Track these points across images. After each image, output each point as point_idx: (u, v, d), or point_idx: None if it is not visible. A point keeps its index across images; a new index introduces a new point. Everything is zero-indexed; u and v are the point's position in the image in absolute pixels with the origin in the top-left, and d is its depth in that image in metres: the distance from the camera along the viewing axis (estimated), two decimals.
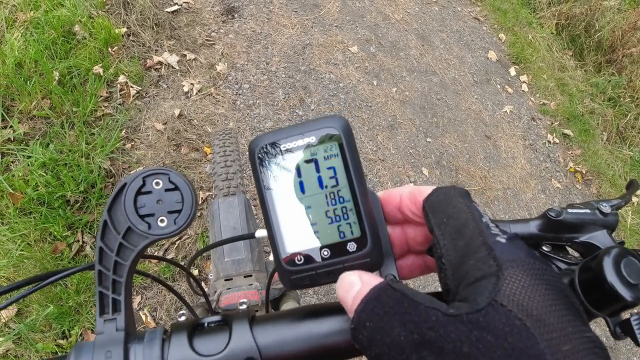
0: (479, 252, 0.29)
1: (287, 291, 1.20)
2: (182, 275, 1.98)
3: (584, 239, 0.42)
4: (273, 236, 0.37)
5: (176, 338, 0.36)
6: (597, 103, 4.15)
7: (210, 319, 0.38)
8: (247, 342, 0.36)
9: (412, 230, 0.39)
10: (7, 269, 1.79)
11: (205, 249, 0.63)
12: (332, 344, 0.36)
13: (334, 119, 0.37)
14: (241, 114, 2.65)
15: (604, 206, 0.43)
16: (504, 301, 0.25)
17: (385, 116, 3.07)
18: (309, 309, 0.39)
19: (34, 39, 2.40)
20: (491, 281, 0.27)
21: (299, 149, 0.37)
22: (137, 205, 0.38)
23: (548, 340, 0.23)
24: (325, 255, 0.37)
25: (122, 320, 0.36)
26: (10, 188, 1.94)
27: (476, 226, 0.31)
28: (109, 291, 0.37)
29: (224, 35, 2.99)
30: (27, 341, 1.67)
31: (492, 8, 4.46)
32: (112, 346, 0.35)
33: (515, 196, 3.15)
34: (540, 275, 0.27)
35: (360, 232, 0.36)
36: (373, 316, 0.29)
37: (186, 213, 0.38)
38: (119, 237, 0.38)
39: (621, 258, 0.31)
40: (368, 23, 3.59)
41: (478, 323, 0.25)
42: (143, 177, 0.38)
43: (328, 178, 0.37)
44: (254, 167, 0.37)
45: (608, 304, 0.31)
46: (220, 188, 1.23)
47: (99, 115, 2.33)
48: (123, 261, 0.38)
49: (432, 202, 0.34)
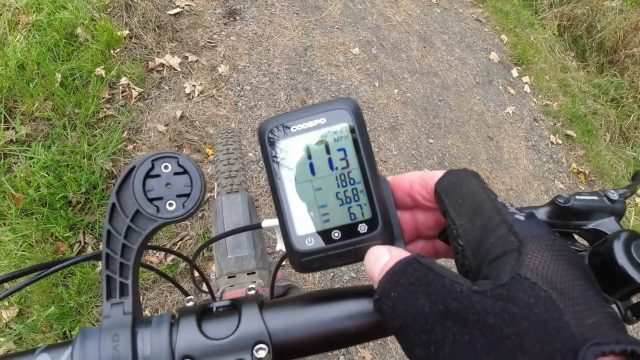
0: (498, 229, 0.29)
1: (290, 289, 1.19)
2: (183, 275, 1.97)
3: (592, 226, 0.42)
4: (283, 218, 0.37)
5: (185, 322, 0.35)
6: (600, 104, 4.15)
7: (219, 303, 0.38)
8: (257, 325, 0.35)
9: (422, 215, 0.39)
10: (8, 270, 1.78)
11: (210, 241, 0.62)
12: (342, 328, 0.36)
13: (344, 101, 0.37)
14: (243, 115, 2.64)
15: (612, 193, 0.43)
16: (527, 274, 0.25)
17: (387, 117, 3.07)
18: (319, 294, 0.38)
19: (37, 41, 2.40)
20: (513, 256, 0.26)
21: (309, 130, 0.37)
22: (145, 189, 0.38)
23: (573, 313, 0.23)
24: (336, 236, 0.36)
25: (130, 304, 0.36)
26: (12, 189, 1.93)
27: (493, 205, 0.30)
28: (116, 275, 0.37)
29: (225, 37, 3.00)
30: (28, 342, 1.66)
31: (494, 9, 4.47)
32: (119, 329, 0.34)
33: (519, 197, 3.13)
34: (561, 251, 0.27)
35: (371, 214, 0.36)
36: (398, 287, 0.29)
37: (195, 197, 0.38)
38: (127, 220, 0.37)
39: (631, 241, 0.31)
40: (369, 25, 3.60)
41: (502, 296, 0.25)
42: (152, 161, 0.38)
43: (338, 160, 0.36)
44: (264, 149, 0.37)
45: (619, 287, 0.31)
46: (224, 186, 1.22)
47: (101, 117, 2.33)
48: (131, 244, 0.37)
49: (445, 184, 0.34)
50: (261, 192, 2.35)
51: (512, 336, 0.23)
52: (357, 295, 0.37)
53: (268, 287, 1.04)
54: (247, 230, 0.60)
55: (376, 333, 0.37)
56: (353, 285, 0.39)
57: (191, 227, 2.11)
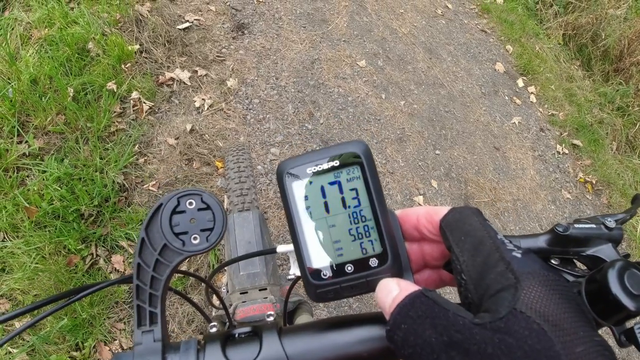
0: (497, 266, 0.31)
1: (300, 304, 1.21)
2: (194, 289, 1.99)
3: (590, 253, 0.44)
4: (301, 253, 0.40)
5: (210, 348, 0.38)
6: (606, 113, 4.15)
7: (240, 330, 0.41)
8: (277, 351, 0.38)
9: (429, 247, 0.42)
10: (22, 282, 1.81)
11: (227, 263, 0.65)
12: (355, 353, 0.39)
13: (355, 143, 0.40)
14: (251, 128, 2.68)
15: (609, 221, 0.45)
16: (522, 309, 0.28)
17: (394, 129, 3.09)
18: (334, 320, 0.41)
19: (49, 56, 2.45)
20: (510, 292, 0.29)
21: (324, 172, 0.40)
22: (172, 224, 0.40)
23: (563, 343, 0.26)
24: (349, 270, 0.39)
25: (159, 332, 0.38)
26: (26, 202, 1.97)
27: (492, 243, 0.33)
28: (146, 304, 0.39)
29: (234, 51, 3.04)
30: (41, 353, 1.69)
31: (499, 20, 4.49)
32: (150, 356, 0.37)
33: (525, 207, 3.14)
34: (554, 285, 0.30)
35: (381, 249, 0.39)
36: (407, 319, 0.32)
37: (217, 231, 0.41)
38: (155, 254, 0.40)
39: (624, 270, 0.33)
40: (375, 37, 3.63)
41: (500, 328, 0.27)
42: (177, 198, 0.41)
43: (351, 199, 0.39)
44: (282, 188, 0.40)
45: (613, 313, 0.33)
46: (235, 204, 1.25)
47: (113, 131, 2.37)
48: (159, 276, 0.40)
49: (448, 221, 0.37)
50: (270, 205, 2.37)
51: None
52: (368, 322, 0.40)
53: (279, 303, 1.06)
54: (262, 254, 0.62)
55: (387, 358, 0.40)
56: (363, 313, 0.42)
57: None
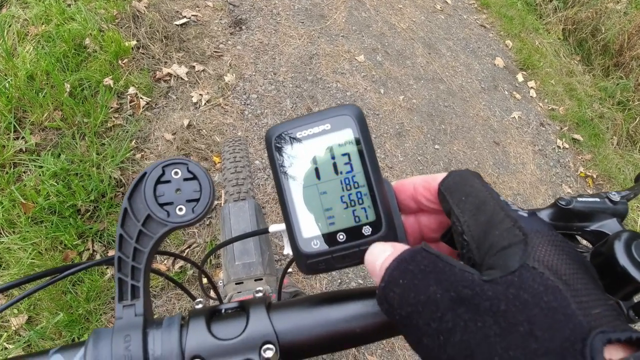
0: (503, 223, 0.29)
1: (297, 295, 1.20)
2: (191, 282, 1.98)
3: (594, 228, 0.42)
4: (290, 222, 0.38)
5: (194, 323, 0.36)
6: (606, 107, 4.13)
7: (227, 305, 0.39)
8: (265, 326, 0.36)
9: (426, 218, 0.39)
10: (18, 277, 1.79)
11: (219, 246, 0.63)
12: (347, 329, 0.37)
13: (348, 107, 0.38)
14: (249, 123, 2.66)
15: (613, 195, 0.43)
16: (535, 264, 0.25)
17: (393, 124, 3.07)
18: (325, 295, 0.39)
19: (46, 52, 2.44)
20: (520, 247, 0.27)
21: (314, 136, 0.38)
22: (156, 194, 0.39)
23: (579, 303, 0.24)
24: (341, 239, 0.37)
25: (141, 306, 0.37)
26: (22, 197, 1.96)
27: (496, 202, 0.31)
28: (127, 277, 0.38)
29: (232, 46, 3.03)
30: (37, 348, 1.67)
31: (498, 15, 4.47)
32: (131, 330, 0.35)
33: (526, 202, 3.12)
34: (563, 246, 0.28)
35: (375, 216, 0.37)
36: (407, 274, 0.29)
37: (204, 202, 0.39)
38: (138, 225, 0.38)
39: (632, 241, 0.31)
40: (374, 32, 3.62)
41: (513, 283, 0.25)
42: (162, 167, 0.39)
43: (343, 164, 0.37)
44: (271, 155, 0.38)
45: (621, 287, 0.31)
46: (231, 193, 1.24)
47: (110, 126, 2.36)
48: (142, 248, 0.38)
49: (448, 184, 0.35)
50: (268, 200, 2.36)
51: (524, 323, 0.23)
52: (362, 297, 0.38)
53: (275, 294, 1.05)
54: (255, 235, 0.60)
55: (381, 334, 0.38)
56: (356, 287, 0.40)
57: (199, 235, 2.13)
